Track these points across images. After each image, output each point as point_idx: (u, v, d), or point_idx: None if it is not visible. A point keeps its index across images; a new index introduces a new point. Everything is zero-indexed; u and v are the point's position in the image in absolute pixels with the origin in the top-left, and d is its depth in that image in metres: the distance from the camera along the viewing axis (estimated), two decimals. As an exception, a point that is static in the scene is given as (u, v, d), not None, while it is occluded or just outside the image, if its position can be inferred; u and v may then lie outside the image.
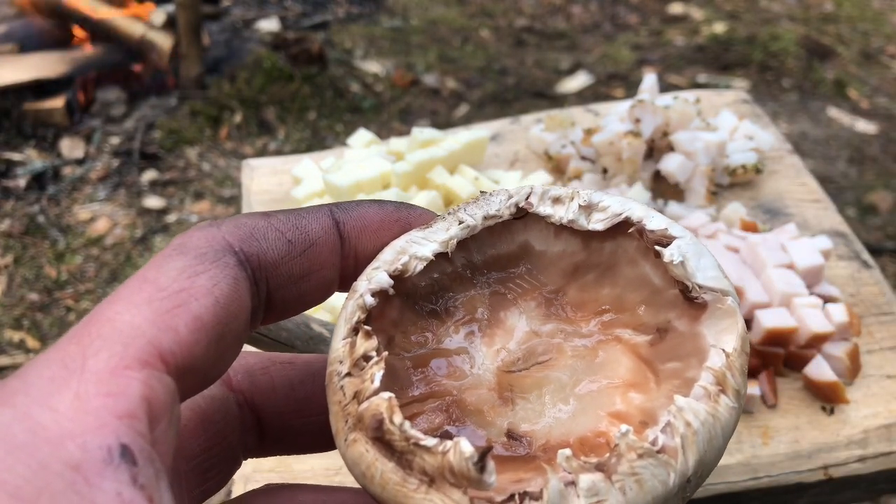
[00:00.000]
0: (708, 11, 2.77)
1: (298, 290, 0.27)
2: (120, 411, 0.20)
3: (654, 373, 0.28)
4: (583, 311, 0.30)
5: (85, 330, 0.21)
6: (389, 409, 0.24)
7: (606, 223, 0.29)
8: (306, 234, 0.27)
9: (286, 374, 0.30)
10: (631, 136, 0.65)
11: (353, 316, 0.26)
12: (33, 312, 1.65)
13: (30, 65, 2.13)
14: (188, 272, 0.23)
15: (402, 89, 2.35)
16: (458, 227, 0.29)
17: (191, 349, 0.22)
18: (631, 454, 0.23)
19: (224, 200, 1.95)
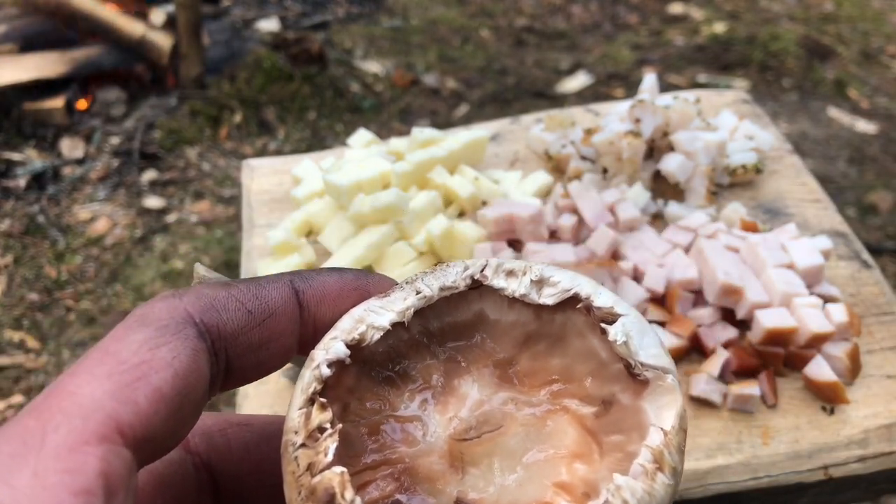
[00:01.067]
0: (708, 11, 2.77)
1: (257, 358, 0.27)
2: (76, 488, 0.20)
3: (598, 444, 0.29)
4: (533, 380, 0.31)
5: (45, 404, 0.22)
6: (341, 485, 0.25)
7: (556, 298, 0.31)
8: (266, 304, 0.27)
9: (242, 437, 0.31)
10: (631, 135, 0.65)
11: (309, 387, 0.27)
12: (33, 312, 1.65)
13: (30, 65, 2.13)
14: (149, 344, 0.24)
15: (402, 89, 2.35)
16: (416, 297, 0.30)
17: (150, 420, 0.23)
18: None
19: (224, 200, 1.95)
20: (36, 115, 2.11)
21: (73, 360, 1.55)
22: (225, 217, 1.90)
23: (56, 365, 1.54)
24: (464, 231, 0.58)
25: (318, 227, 0.63)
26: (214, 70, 2.31)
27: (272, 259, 0.60)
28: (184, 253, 1.79)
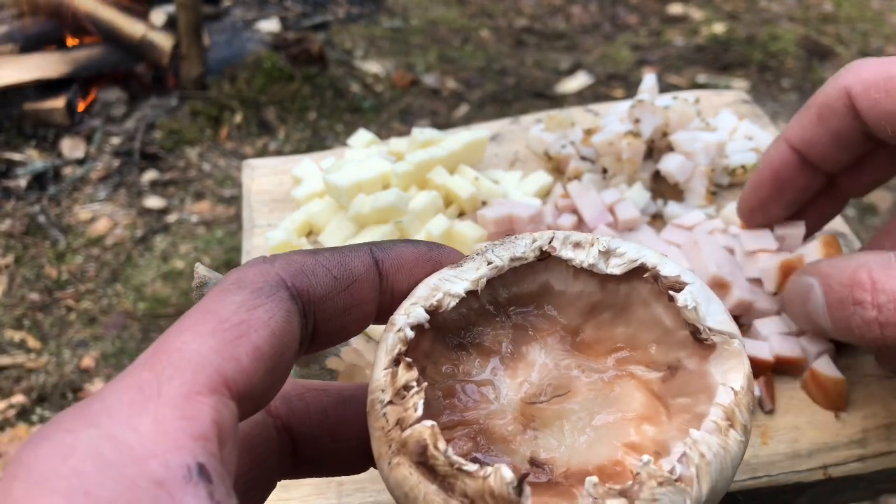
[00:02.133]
0: (707, 12, 2.78)
1: (341, 323, 0.29)
2: (195, 433, 0.22)
3: (666, 407, 0.30)
4: (599, 347, 0.32)
5: (155, 358, 0.23)
6: (433, 437, 0.26)
7: (623, 268, 0.31)
8: (350, 271, 0.29)
9: (320, 401, 0.32)
10: (631, 136, 0.65)
11: (393, 348, 0.28)
12: (34, 312, 1.65)
13: (30, 65, 2.13)
14: (247, 305, 0.25)
15: (402, 89, 2.35)
16: (487, 268, 0.31)
17: (250, 376, 0.24)
18: (652, 482, 0.25)
19: (224, 200, 1.95)
20: (36, 116, 2.11)
21: (74, 360, 1.55)
22: (225, 217, 1.90)
23: (57, 365, 1.54)
24: (464, 231, 0.59)
25: (318, 227, 0.63)
26: (215, 70, 2.31)
27: (273, 259, 0.60)
28: (184, 253, 1.79)
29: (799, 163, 0.51)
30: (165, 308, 1.65)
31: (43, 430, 0.21)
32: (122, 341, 1.59)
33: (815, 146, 0.50)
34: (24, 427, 1.42)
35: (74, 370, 1.53)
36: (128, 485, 0.20)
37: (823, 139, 0.49)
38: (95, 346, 1.58)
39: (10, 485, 0.20)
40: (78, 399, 1.48)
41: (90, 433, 0.21)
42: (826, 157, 0.50)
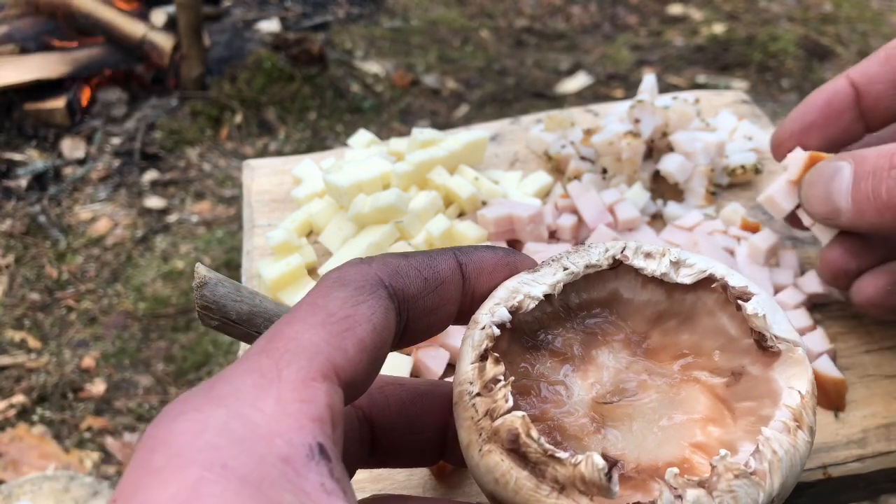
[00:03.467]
0: (707, 12, 2.78)
1: (428, 322, 0.31)
2: (313, 415, 0.23)
3: (730, 410, 0.32)
4: (664, 354, 0.34)
5: (272, 346, 0.25)
6: (525, 425, 0.27)
7: (693, 278, 0.33)
8: (438, 273, 0.31)
9: (398, 395, 0.34)
10: (630, 136, 0.65)
11: (480, 344, 0.30)
12: (34, 312, 1.65)
13: (31, 65, 2.14)
14: (351, 301, 0.27)
15: (402, 90, 2.35)
16: (563, 273, 0.32)
17: (355, 367, 0.26)
18: (728, 474, 0.27)
19: (224, 200, 1.95)
20: (37, 116, 2.11)
21: (75, 360, 1.55)
22: (225, 217, 1.90)
23: (57, 365, 1.54)
24: (464, 231, 0.59)
25: (318, 227, 0.64)
26: (215, 71, 2.31)
27: (272, 259, 0.60)
28: (184, 253, 1.79)
29: (853, 98, 0.51)
30: (166, 308, 1.66)
31: (172, 408, 0.23)
32: (122, 341, 1.59)
33: (874, 84, 0.49)
34: (24, 427, 1.42)
35: (75, 370, 1.53)
36: (258, 460, 0.21)
37: (885, 78, 0.49)
38: (96, 346, 1.58)
39: (149, 456, 0.22)
40: (78, 399, 1.48)
41: (220, 412, 0.22)
42: (880, 101, 0.50)
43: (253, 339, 0.41)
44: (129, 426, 1.44)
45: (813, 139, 0.53)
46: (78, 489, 1.23)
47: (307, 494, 0.22)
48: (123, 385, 1.51)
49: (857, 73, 0.50)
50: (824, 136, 0.52)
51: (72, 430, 1.43)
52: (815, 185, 0.47)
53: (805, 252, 0.68)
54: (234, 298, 0.40)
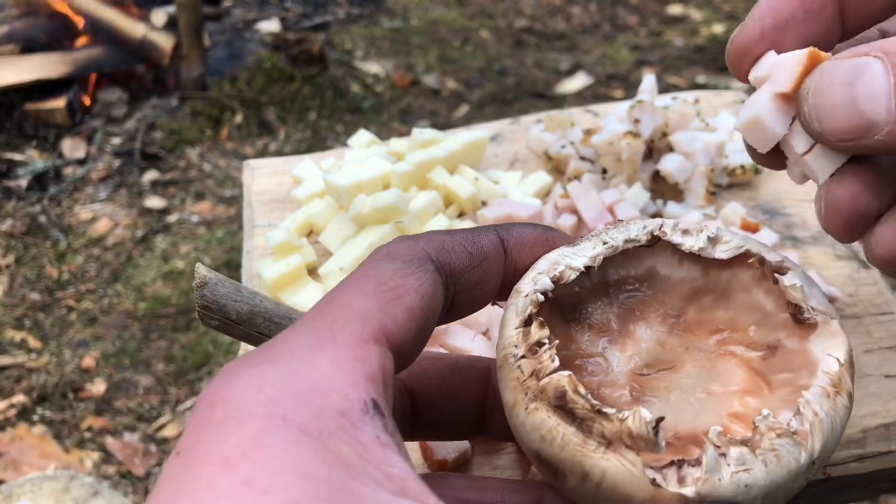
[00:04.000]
0: (707, 12, 2.78)
1: (472, 296, 0.32)
2: (367, 373, 0.24)
3: (767, 382, 0.32)
4: (700, 329, 0.34)
5: (325, 311, 0.26)
6: (571, 383, 0.28)
7: (730, 253, 0.34)
8: (482, 248, 0.32)
9: (437, 367, 0.35)
10: (630, 136, 0.66)
11: (525, 309, 0.31)
12: (34, 312, 1.65)
13: (31, 65, 2.14)
14: (400, 273, 0.28)
15: (402, 90, 2.36)
16: (603, 247, 0.33)
17: (405, 334, 0.27)
18: (771, 433, 0.27)
19: (225, 200, 1.95)
20: (37, 116, 2.11)
21: (75, 360, 1.55)
22: (226, 217, 1.90)
23: (57, 365, 1.54)
24: (464, 231, 0.59)
25: (318, 227, 0.64)
26: (215, 71, 2.31)
27: (273, 259, 0.60)
28: (185, 253, 1.79)
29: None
30: (166, 308, 1.66)
31: (230, 368, 0.24)
32: (122, 341, 1.59)
33: None
34: (24, 427, 1.42)
35: (75, 370, 1.53)
36: (316, 412, 0.22)
37: None
38: (96, 345, 1.58)
39: (209, 412, 0.22)
40: (78, 399, 1.48)
41: (278, 369, 0.23)
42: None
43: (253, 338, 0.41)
44: (130, 426, 1.44)
45: (788, 42, 0.36)
46: (78, 489, 1.23)
47: (363, 446, 0.22)
48: (124, 385, 1.51)
49: None
50: (802, 37, 0.37)
51: (72, 429, 1.43)
52: (829, 92, 0.33)
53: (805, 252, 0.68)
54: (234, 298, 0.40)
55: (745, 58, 0.36)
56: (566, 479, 0.28)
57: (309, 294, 0.58)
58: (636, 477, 0.26)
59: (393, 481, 0.22)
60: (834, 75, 0.32)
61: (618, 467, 0.26)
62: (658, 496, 0.26)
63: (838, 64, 0.32)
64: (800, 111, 0.33)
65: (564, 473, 0.28)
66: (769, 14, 0.35)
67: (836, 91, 0.32)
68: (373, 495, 0.21)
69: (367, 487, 0.21)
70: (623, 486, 0.26)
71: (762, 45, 0.36)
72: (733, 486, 0.26)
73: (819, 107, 0.33)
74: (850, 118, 0.31)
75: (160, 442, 1.41)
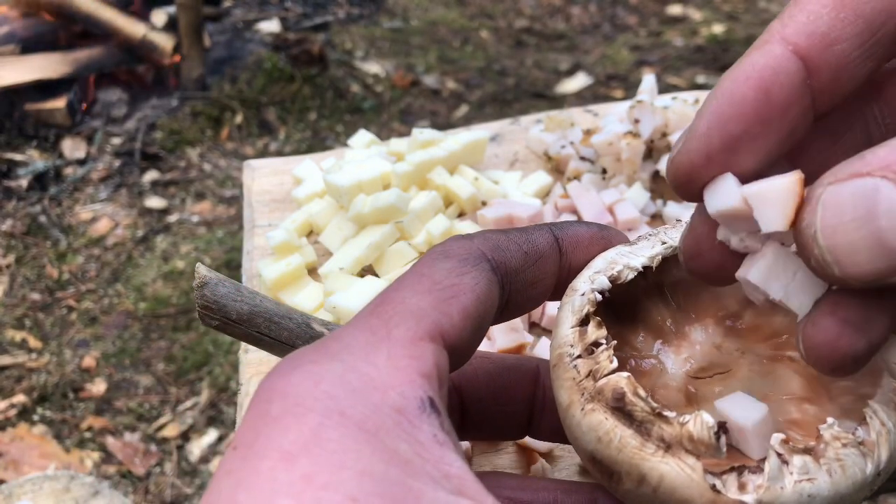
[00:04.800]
0: (707, 12, 2.78)
1: (528, 295, 0.31)
2: (422, 371, 0.24)
3: (826, 390, 0.31)
4: (757, 334, 0.33)
5: (381, 309, 0.26)
6: (631, 385, 0.27)
7: None
8: (537, 247, 0.31)
9: (485, 367, 0.35)
10: (630, 136, 0.66)
11: (581, 308, 0.30)
12: (35, 312, 1.65)
13: (31, 65, 2.14)
14: (455, 272, 0.28)
15: (402, 90, 2.36)
16: (662, 247, 0.32)
17: (459, 333, 0.27)
18: (836, 443, 0.26)
19: (225, 201, 1.95)
20: (38, 116, 2.12)
21: (75, 360, 1.55)
22: (226, 217, 1.90)
23: (58, 365, 1.54)
24: (464, 231, 0.59)
25: (318, 227, 0.64)
26: (215, 71, 2.32)
27: (273, 259, 0.60)
28: (185, 253, 1.79)
29: (802, 76, 0.28)
30: (166, 308, 1.66)
31: (286, 363, 0.24)
32: (122, 341, 1.59)
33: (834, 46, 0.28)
34: (24, 427, 1.42)
35: (75, 370, 1.53)
36: (374, 409, 0.22)
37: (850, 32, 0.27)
38: (96, 345, 1.59)
39: (266, 407, 0.22)
40: (78, 399, 1.48)
41: (335, 365, 0.23)
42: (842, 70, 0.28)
43: (253, 338, 0.42)
44: (130, 426, 1.44)
45: (746, 158, 0.29)
46: (78, 489, 1.23)
47: (421, 444, 0.22)
48: (124, 385, 1.51)
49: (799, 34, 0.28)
50: (762, 152, 0.29)
51: (72, 429, 1.43)
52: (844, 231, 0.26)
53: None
54: (235, 298, 0.40)
55: (690, 183, 0.29)
56: (622, 482, 0.27)
57: (309, 294, 0.58)
58: (695, 482, 0.26)
59: (450, 480, 0.22)
60: (841, 209, 0.25)
61: (677, 472, 0.26)
62: (717, 502, 0.25)
63: (840, 193, 0.25)
64: (808, 254, 0.26)
65: (621, 476, 0.27)
66: (716, 133, 0.28)
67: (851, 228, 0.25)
68: (431, 493, 0.21)
69: (425, 486, 0.21)
70: (681, 490, 0.26)
71: (710, 169, 0.28)
72: (796, 495, 0.25)
73: (835, 249, 0.26)
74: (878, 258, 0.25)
75: (160, 442, 1.41)
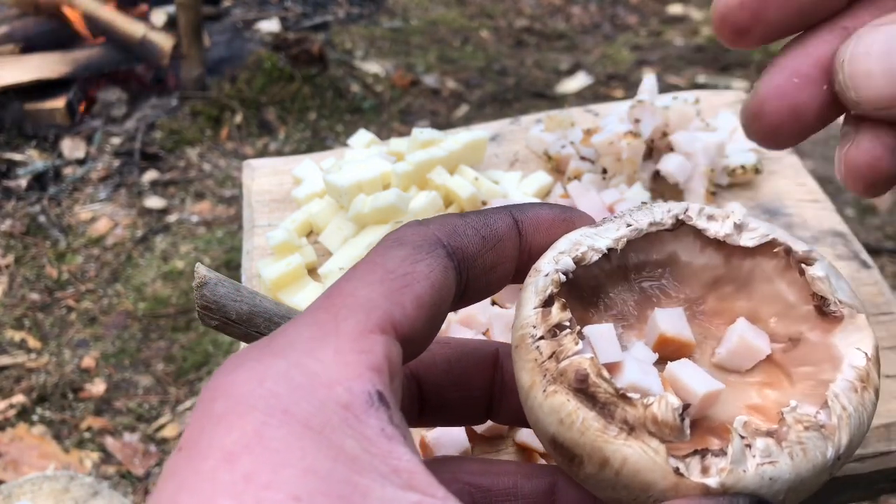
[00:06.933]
0: (707, 12, 2.78)
1: (487, 280, 0.31)
2: (371, 365, 0.24)
3: (787, 375, 0.31)
4: (720, 318, 0.33)
5: (330, 301, 0.26)
6: (594, 366, 0.27)
7: (756, 241, 0.33)
8: (495, 231, 0.31)
9: (444, 353, 0.34)
10: (630, 136, 0.65)
11: (545, 289, 0.29)
12: (34, 312, 1.65)
13: (31, 65, 2.14)
14: (409, 259, 0.27)
15: (402, 90, 2.36)
16: (627, 229, 0.32)
17: (413, 323, 0.26)
18: (798, 426, 0.26)
19: (225, 200, 1.95)
20: (37, 116, 2.11)
21: (75, 360, 1.55)
22: (226, 217, 1.90)
23: (57, 365, 1.54)
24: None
25: (318, 227, 0.64)
26: (215, 71, 2.31)
27: (272, 259, 0.60)
28: (185, 253, 1.79)
29: None
30: (166, 308, 1.66)
31: (231, 361, 0.24)
32: (122, 341, 1.59)
33: None
34: (24, 427, 1.42)
35: (75, 370, 1.53)
36: (319, 406, 0.22)
37: None
38: (96, 346, 1.58)
39: (210, 405, 0.22)
40: (78, 399, 1.48)
41: (279, 362, 0.23)
42: None
43: (253, 338, 0.41)
44: (129, 426, 1.44)
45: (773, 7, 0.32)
46: (78, 489, 1.23)
47: (368, 439, 0.22)
48: (123, 385, 1.51)
49: None
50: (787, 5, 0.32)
51: (72, 430, 1.43)
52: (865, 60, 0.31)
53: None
54: (234, 298, 0.40)
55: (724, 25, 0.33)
56: (583, 466, 0.27)
57: (309, 294, 0.58)
58: (658, 465, 0.25)
59: (400, 475, 0.22)
60: (870, 43, 0.31)
61: (640, 454, 0.25)
62: (680, 485, 0.25)
63: (875, 31, 0.31)
64: (834, 79, 0.31)
65: (582, 459, 0.27)
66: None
67: (873, 59, 0.31)
68: (378, 489, 0.21)
69: (372, 482, 0.21)
70: (644, 473, 0.25)
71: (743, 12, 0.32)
72: (758, 478, 0.26)
73: (855, 75, 0.31)
74: (888, 86, 0.31)
75: (160, 442, 1.41)
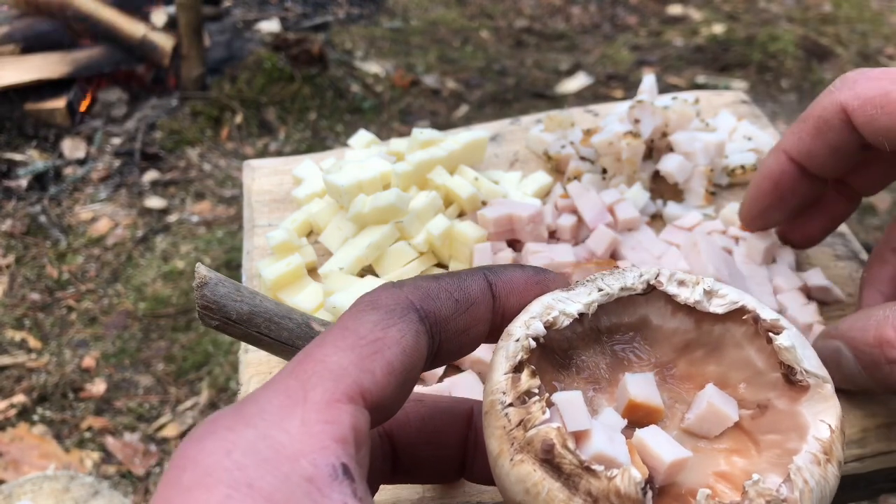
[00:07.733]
0: (707, 12, 2.78)
1: (460, 342, 0.31)
2: (336, 436, 0.24)
3: (755, 442, 0.31)
4: (690, 383, 0.34)
5: (300, 367, 0.26)
6: (560, 437, 0.27)
7: (725, 308, 0.33)
8: (469, 294, 0.31)
9: (418, 411, 0.34)
10: (630, 136, 0.66)
11: (515, 355, 0.30)
12: (35, 312, 1.65)
13: (31, 65, 2.14)
14: (381, 325, 0.28)
15: (402, 90, 2.36)
16: (598, 294, 0.32)
17: (383, 390, 0.26)
18: (760, 500, 0.26)
19: (225, 201, 1.95)
20: (37, 116, 2.11)
21: (75, 360, 1.55)
22: (226, 217, 1.90)
23: (57, 365, 1.54)
24: (464, 231, 0.59)
25: (318, 227, 0.64)
26: (215, 71, 2.31)
27: (273, 259, 0.60)
28: (185, 253, 1.79)
29: (798, 172, 0.52)
30: (166, 308, 1.66)
31: (204, 427, 0.24)
32: (122, 341, 1.59)
33: (813, 158, 0.50)
34: (24, 427, 1.42)
35: (75, 370, 1.53)
36: (283, 479, 0.22)
37: (821, 151, 0.49)
38: (96, 345, 1.59)
39: (179, 475, 0.23)
40: (78, 399, 1.48)
41: (248, 432, 0.23)
42: (825, 167, 0.51)
43: (253, 338, 0.41)
44: (130, 426, 1.44)
45: (776, 216, 0.56)
46: (78, 489, 1.23)
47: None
48: (124, 385, 1.51)
49: (792, 149, 0.51)
50: (786, 209, 0.55)
51: (72, 429, 1.43)
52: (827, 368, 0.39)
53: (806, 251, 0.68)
54: (234, 298, 0.40)
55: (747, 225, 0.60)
56: None
57: (309, 294, 0.58)
58: None
59: None
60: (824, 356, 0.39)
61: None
62: None
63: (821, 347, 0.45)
64: None
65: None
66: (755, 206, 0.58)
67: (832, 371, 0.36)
68: None
69: None
70: None
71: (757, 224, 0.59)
72: None
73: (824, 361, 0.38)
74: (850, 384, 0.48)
75: (160, 442, 1.41)
